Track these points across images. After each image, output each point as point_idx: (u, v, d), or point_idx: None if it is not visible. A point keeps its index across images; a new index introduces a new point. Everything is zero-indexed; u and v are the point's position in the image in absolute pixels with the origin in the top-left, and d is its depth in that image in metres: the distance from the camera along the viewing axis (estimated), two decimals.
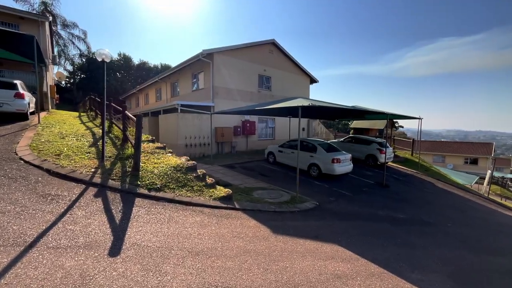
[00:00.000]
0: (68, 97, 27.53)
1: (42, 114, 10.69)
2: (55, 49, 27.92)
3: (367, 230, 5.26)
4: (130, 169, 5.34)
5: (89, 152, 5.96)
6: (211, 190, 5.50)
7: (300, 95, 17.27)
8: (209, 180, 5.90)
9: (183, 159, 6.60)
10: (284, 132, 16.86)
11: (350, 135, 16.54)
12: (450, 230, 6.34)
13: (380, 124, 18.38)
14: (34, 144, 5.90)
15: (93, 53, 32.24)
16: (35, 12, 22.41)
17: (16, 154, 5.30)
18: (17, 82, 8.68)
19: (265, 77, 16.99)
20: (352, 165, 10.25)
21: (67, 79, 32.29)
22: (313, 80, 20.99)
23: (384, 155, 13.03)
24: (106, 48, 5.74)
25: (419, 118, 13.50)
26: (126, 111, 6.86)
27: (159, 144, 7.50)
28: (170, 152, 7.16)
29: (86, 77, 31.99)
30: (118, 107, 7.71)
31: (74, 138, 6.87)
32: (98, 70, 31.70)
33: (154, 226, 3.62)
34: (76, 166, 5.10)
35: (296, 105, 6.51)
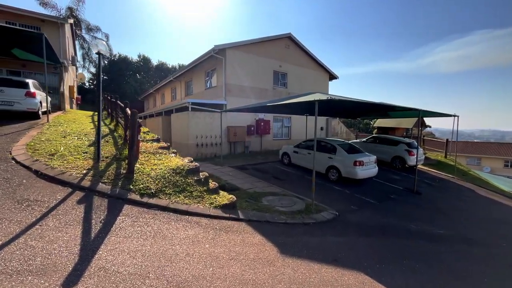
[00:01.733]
0: (90, 98, 28.61)
1: (57, 114, 10.79)
2: (80, 52, 29.17)
3: (400, 251, 4.28)
4: (124, 171, 4.83)
5: (86, 152, 5.57)
6: (212, 197, 4.83)
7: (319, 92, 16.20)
8: (212, 184, 5.24)
9: (186, 160, 6.02)
10: (301, 131, 15.88)
11: (374, 135, 15.15)
12: (506, 252, 5.11)
13: (407, 122, 16.71)
14: (32, 143, 5.63)
15: (115, 55, 33.48)
16: (62, 17, 23.45)
17: (10, 154, 5.02)
18: (29, 81, 8.67)
19: (280, 74, 16.13)
20: (377, 168, 9.11)
21: (91, 81, 33.69)
22: (332, 77, 19.73)
23: (413, 157, 11.65)
24: (103, 40, 5.32)
25: (454, 116, 11.94)
26: (127, 108, 6.43)
27: (163, 144, 7.00)
28: (173, 152, 6.63)
29: (108, 79, 33.16)
30: (121, 104, 7.34)
31: (75, 137, 6.57)
32: (119, 72, 32.80)
33: (135, 243, 3.01)
34: (67, 167, 4.68)
35: (312, 99, 5.65)
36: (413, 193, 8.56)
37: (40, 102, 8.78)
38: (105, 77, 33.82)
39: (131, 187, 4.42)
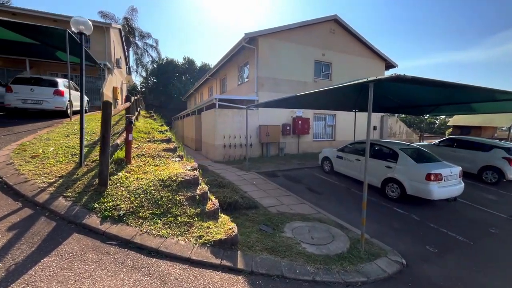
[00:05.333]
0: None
1: (89, 113, 10.95)
2: (133, 58, 31.69)
3: None
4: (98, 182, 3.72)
5: (75, 154, 4.72)
6: (205, 225, 3.32)
7: None
8: (210, 204, 3.74)
9: (188, 167, 4.71)
10: (348, 131, 13.33)
11: (450, 137, 11.56)
12: None
13: (502, 119, 12.38)
14: (27, 143, 5.08)
15: (162, 59, 35.58)
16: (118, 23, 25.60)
17: None
18: (59, 80, 8.72)
19: (323, 64, 13.82)
20: (462, 184, 6.31)
21: (142, 84, 36.55)
22: (389, 65, 16.36)
23: None
24: (85, 17, 4.39)
25: None
26: (128, 103, 5.47)
27: (170, 146, 5.88)
28: (179, 156, 5.42)
29: (157, 81, 35.42)
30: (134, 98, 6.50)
31: (78, 137, 5.92)
32: (165, 74, 34.70)
33: None
34: (36, 174, 3.80)
35: (365, 80, 3.65)
36: None
37: (70, 101, 8.73)
38: (154, 80, 36.27)
39: (96, 205, 3.24)
